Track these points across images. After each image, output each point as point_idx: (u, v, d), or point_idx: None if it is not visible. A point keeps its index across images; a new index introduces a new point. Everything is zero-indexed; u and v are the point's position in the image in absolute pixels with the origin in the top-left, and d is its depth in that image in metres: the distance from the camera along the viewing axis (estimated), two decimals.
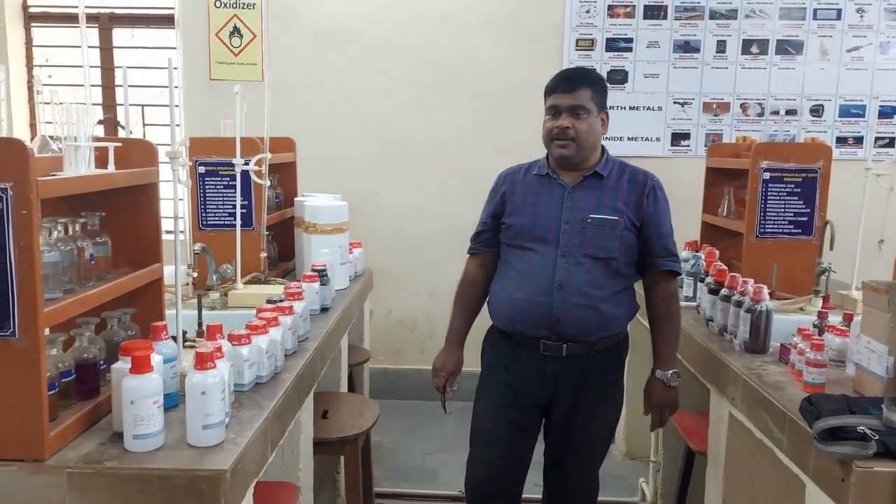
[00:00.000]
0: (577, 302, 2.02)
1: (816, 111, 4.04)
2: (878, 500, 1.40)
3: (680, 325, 2.17)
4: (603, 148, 2.16)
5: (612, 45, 4.04)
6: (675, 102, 4.06)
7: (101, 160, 1.68)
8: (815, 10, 3.96)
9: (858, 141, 4.03)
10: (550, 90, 2.10)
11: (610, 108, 3.93)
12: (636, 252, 2.10)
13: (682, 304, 2.70)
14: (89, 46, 4.16)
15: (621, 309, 2.10)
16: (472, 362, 2.29)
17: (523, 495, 2.24)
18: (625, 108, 4.07)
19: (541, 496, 2.29)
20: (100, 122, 4.05)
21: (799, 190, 2.82)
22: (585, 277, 2.03)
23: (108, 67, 4.23)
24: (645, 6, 4.00)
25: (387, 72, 4.11)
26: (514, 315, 2.09)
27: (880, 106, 3.93)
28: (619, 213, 2.06)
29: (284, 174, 3.42)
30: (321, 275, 2.57)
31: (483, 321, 2.26)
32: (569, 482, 2.21)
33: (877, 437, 1.41)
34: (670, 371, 2.11)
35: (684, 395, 2.69)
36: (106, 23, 4.21)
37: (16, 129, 4.05)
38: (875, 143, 3.92)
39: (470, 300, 2.26)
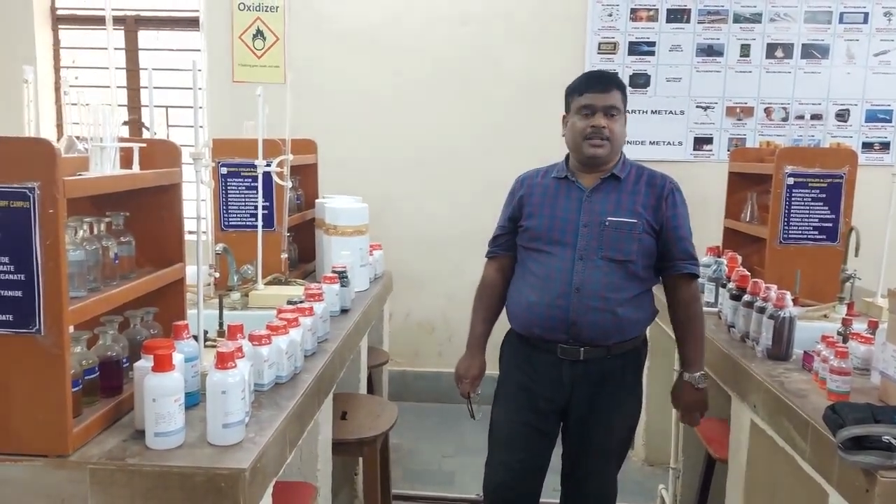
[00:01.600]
0: (594, 305, 2.01)
1: (842, 116, 3.98)
2: None
3: (704, 327, 2.16)
4: (621, 151, 2.16)
5: (635, 48, 4.02)
6: (697, 106, 4.03)
7: (126, 160, 1.70)
8: (842, 14, 3.91)
9: (885, 146, 3.97)
10: (582, 89, 2.09)
11: (632, 111, 3.92)
12: (654, 255, 2.09)
13: (705, 309, 2.70)
14: (115, 48, 4.22)
15: (639, 313, 2.09)
16: (492, 366, 2.29)
17: (542, 500, 2.23)
18: (647, 111, 4.05)
19: (559, 501, 2.28)
20: (125, 123, 4.10)
21: (824, 195, 2.78)
22: (603, 280, 2.02)
23: (133, 69, 4.29)
24: (668, 10, 3.97)
25: (408, 75, 4.12)
26: (531, 319, 2.09)
27: None
28: (638, 215, 2.05)
29: (306, 176, 3.44)
30: (341, 276, 2.58)
31: (503, 324, 2.25)
32: (586, 487, 2.19)
33: None
34: (698, 373, 2.10)
35: None
36: (132, 25, 4.27)
37: (43, 130, 4.11)
38: None
39: (489, 304, 2.26)
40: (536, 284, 2.08)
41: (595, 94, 2.06)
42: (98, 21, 4.28)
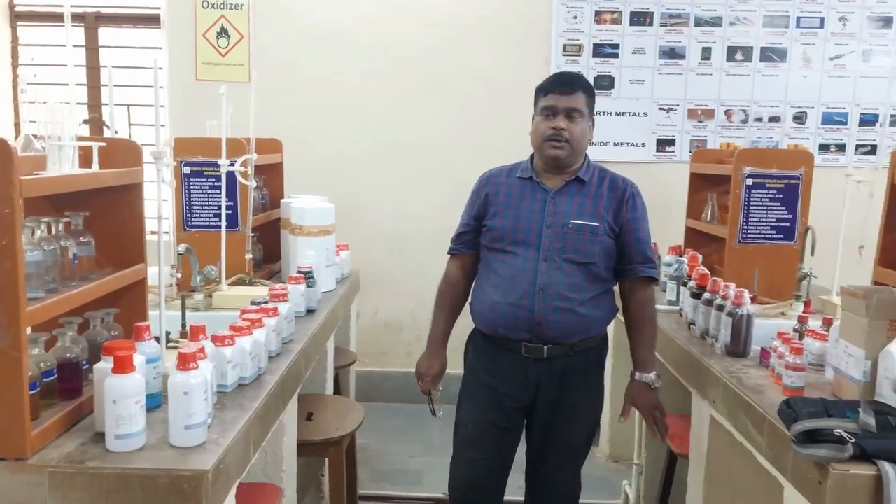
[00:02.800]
0: (557, 305, 2.04)
1: (799, 118, 4.08)
2: (854, 502, 1.41)
3: (657, 329, 2.20)
4: (585, 154, 2.18)
5: (599, 50, 4.07)
6: (660, 108, 4.10)
7: (85, 160, 1.68)
8: (799, 18, 4.01)
9: (840, 148, 4.07)
10: (546, 90, 2.10)
11: (597, 113, 3.97)
12: (614, 257, 2.12)
13: (665, 307, 2.76)
14: (75, 46, 4.14)
15: (600, 312, 2.13)
16: (456, 364, 2.30)
17: (507, 498, 2.25)
18: (611, 113, 4.10)
19: (523, 499, 2.30)
20: (85, 121, 4.03)
21: (781, 196, 2.85)
22: (566, 282, 2.05)
23: (93, 67, 4.21)
24: (631, 12, 4.03)
25: (375, 74, 4.12)
26: (495, 318, 2.11)
27: (862, 114, 3.99)
28: (600, 218, 2.08)
29: (271, 175, 3.42)
30: (307, 277, 2.57)
31: (466, 323, 2.27)
32: (551, 484, 2.22)
33: (853, 441, 1.42)
34: (653, 373, 2.14)
35: (666, 398, 2.71)
36: (92, 22, 4.19)
37: None
38: (856, 150, 3.96)
39: (451, 302, 2.27)
40: (500, 284, 2.10)
41: (558, 95, 2.07)
42: (57, 18, 4.19)
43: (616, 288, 2.22)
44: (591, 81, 4.03)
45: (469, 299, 2.25)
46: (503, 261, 2.11)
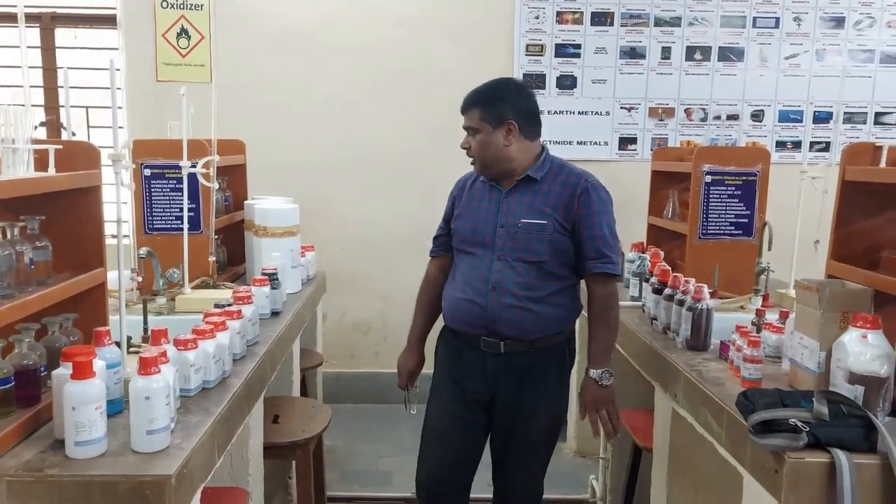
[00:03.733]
0: (509, 303, 2.08)
1: (757, 116, 4.17)
2: (809, 489, 1.45)
3: (616, 326, 2.18)
4: (543, 149, 2.19)
5: (561, 50, 4.11)
6: (622, 107, 4.15)
7: (41, 163, 1.65)
8: (755, 19, 4.09)
9: (796, 145, 4.17)
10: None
11: (559, 112, 3.97)
12: (571, 254, 2.12)
13: (629, 303, 2.80)
14: (29, 46, 4.05)
15: (559, 310, 2.14)
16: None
17: (479, 495, 2.27)
18: (574, 112, 4.14)
19: (492, 495, 2.32)
20: (42, 124, 3.95)
21: (739, 192, 2.91)
22: (518, 280, 2.09)
23: (49, 68, 4.13)
24: (592, 13, 4.08)
25: (338, 75, 4.10)
26: (456, 314, 2.18)
27: (816, 111, 4.09)
28: (548, 216, 2.09)
29: (234, 177, 3.39)
30: (272, 278, 2.55)
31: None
32: (512, 482, 2.24)
33: (807, 430, 1.46)
34: (602, 370, 2.11)
35: (630, 393, 2.76)
36: (48, 22, 4.11)
37: None
38: (811, 147, 4.07)
39: (429, 300, 2.34)
40: (461, 282, 2.17)
41: (463, 116, 2.17)
42: (11, 18, 4.09)
43: None
44: (553, 81, 4.09)
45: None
46: (465, 261, 2.19)
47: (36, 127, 1.72)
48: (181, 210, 2.66)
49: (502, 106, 2.11)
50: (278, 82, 4.09)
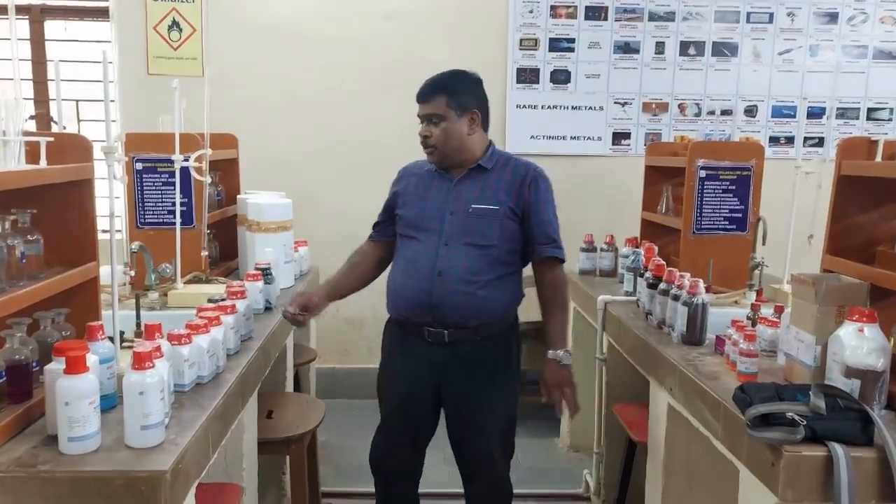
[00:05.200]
0: (455, 288, 2.11)
1: (750, 111, 4.17)
2: (806, 482, 1.46)
3: (568, 308, 2.29)
4: (490, 142, 2.26)
5: (555, 45, 4.10)
6: (615, 102, 4.15)
7: (32, 156, 1.63)
8: (749, 14, 4.09)
9: (790, 140, 4.18)
10: (417, 99, 2.22)
11: (553, 107, 3.96)
12: (518, 240, 2.18)
13: (623, 298, 2.80)
14: (19, 39, 4.01)
15: (501, 295, 2.18)
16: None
17: (451, 490, 2.32)
18: (567, 107, 4.13)
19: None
20: (32, 117, 3.91)
21: (733, 187, 2.91)
22: (465, 265, 2.12)
23: (39, 61, 4.09)
24: (586, 7, 4.06)
25: (331, 69, 4.08)
26: (399, 301, 2.21)
27: (809, 107, 4.09)
28: (500, 202, 2.15)
29: (226, 171, 3.37)
30: (265, 273, 2.54)
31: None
32: (476, 470, 2.28)
33: (804, 423, 1.47)
34: (561, 350, 2.17)
35: (625, 387, 2.77)
36: (37, 15, 4.07)
37: None
38: (805, 142, 4.07)
39: (354, 263, 2.37)
40: (404, 268, 2.21)
41: (421, 104, 2.20)
42: (1, 10, 4.05)
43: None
44: (548, 76, 4.08)
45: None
46: (409, 246, 2.22)
47: (26, 120, 1.70)
48: (173, 204, 2.64)
49: (467, 95, 2.19)
50: (270, 76, 4.06)
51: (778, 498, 1.47)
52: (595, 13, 4.07)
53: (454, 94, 2.16)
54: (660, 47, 4.11)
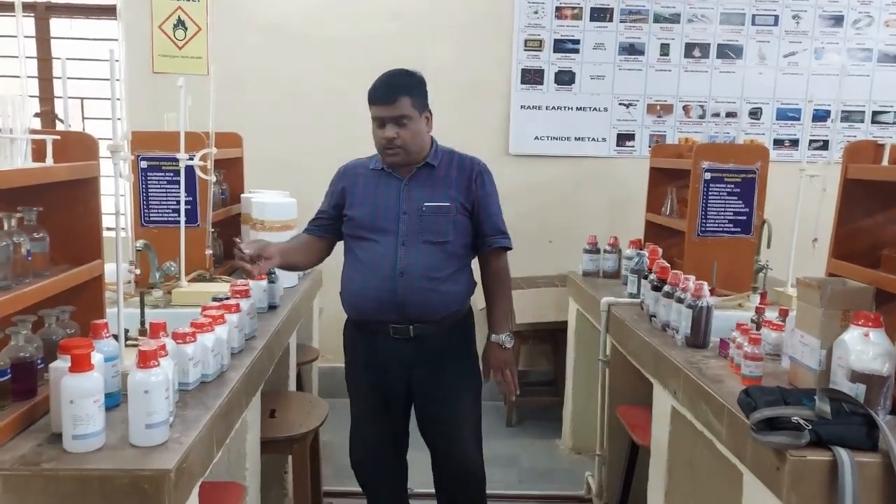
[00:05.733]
0: (419, 286, 2.15)
1: (755, 114, 4.17)
2: (811, 487, 1.45)
3: (510, 294, 2.36)
4: (432, 139, 2.29)
5: (560, 46, 4.09)
6: (620, 104, 4.14)
7: (38, 154, 1.63)
8: (754, 16, 4.09)
9: (794, 143, 4.17)
10: (370, 100, 2.20)
11: (557, 108, 3.98)
12: (469, 234, 2.26)
13: (627, 300, 2.80)
14: (25, 36, 4.02)
15: (459, 286, 2.24)
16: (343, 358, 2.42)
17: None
18: (572, 108, 4.13)
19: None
20: (37, 115, 3.91)
21: (738, 190, 2.91)
22: (425, 262, 2.16)
23: (45, 59, 4.09)
24: (591, 8, 4.06)
25: (335, 68, 4.08)
26: (361, 303, 2.22)
27: (814, 110, 4.09)
28: (452, 199, 2.21)
29: (231, 170, 3.37)
30: (269, 272, 2.54)
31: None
32: (450, 459, 2.33)
33: (809, 427, 1.46)
34: (504, 334, 2.29)
35: (628, 390, 2.76)
36: (43, 12, 4.07)
37: None
38: (809, 145, 4.07)
39: (304, 242, 2.37)
40: (363, 270, 2.21)
41: (381, 106, 2.17)
42: (7, 7, 4.06)
43: None
44: (552, 77, 4.08)
45: (340, 289, 2.32)
46: (364, 248, 2.22)
47: (31, 118, 1.70)
48: (178, 203, 2.65)
49: (423, 95, 2.24)
50: (275, 76, 4.06)
51: (782, 502, 1.47)
52: (600, 14, 4.07)
53: (416, 93, 2.20)
54: (665, 49, 4.11)
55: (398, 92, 2.16)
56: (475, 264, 2.35)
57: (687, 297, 2.22)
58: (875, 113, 4.17)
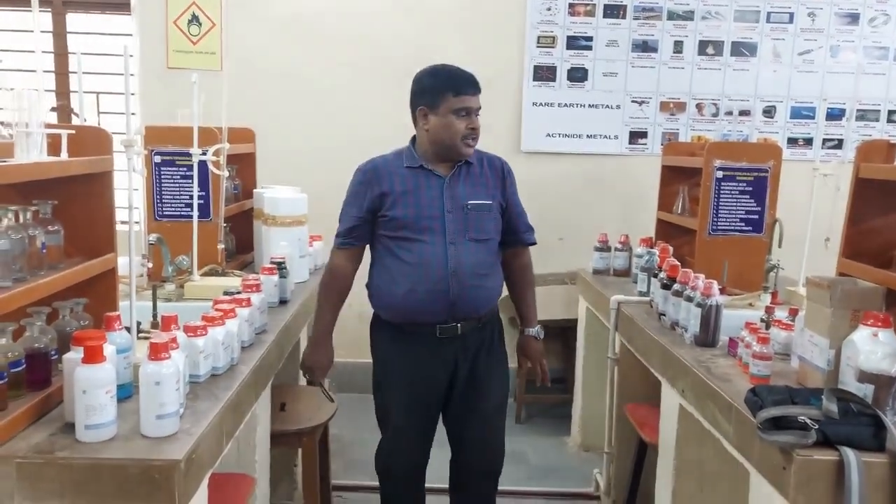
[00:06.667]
0: (470, 283, 2.16)
1: (769, 112, 4.14)
2: (818, 486, 1.45)
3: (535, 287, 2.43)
4: None
5: (573, 42, 4.09)
6: (632, 101, 4.13)
7: (54, 147, 1.65)
8: (769, 14, 4.06)
9: (808, 142, 4.15)
10: (458, 90, 2.16)
11: (569, 105, 3.98)
12: (501, 230, 2.28)
13: (636, 298, 2.80)
14: (42, 31, 4.06)
15: (497, 282, 2.29)
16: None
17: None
18: (584, 105, 4.12)
19: (449, 469, 2.41)
20: (53, 109, 3.95)
21: (750, 189, 2.90)
22: (473, 260, 2.17)
23: (61, 54, 4.13)
24: (605, 5, 4.05)
25: (349, 64, 4.09)
26: (410, 306, 2.18)
27: (829, 108, 4.06)
28: (492, 197, 2.24)
29: (243, 165, 3.39)
30: (280, 267, 2.56)
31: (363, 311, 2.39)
32: (475, 451, 2.33)
33: (817, 427, 1.46)
34: (537, 327, 2.38)
35: (636, 388, 2.77)
36: (59, 7, 4.11)
37: None
38: (823, 144, 4.04)
39: (340, 294, 2.31)
40: (411, 273, 2.16)
41: (470, 96, 2.17)
42: (23, 2, 4.09)
43: None
44: (565, 74, 4.08)
45: (371, 292, 2.29)
46: (410, 249, 2.17)
47: (48, 112, 1.73)
48: (191, 197, 2.67)
49: None
50: (288, 71, 4.08)
51: (789, 502, 1.47)
52: (613, 11, 4.05)
53: None
54: (678, 46, 4.09)
55: (477, 84, 2.20)
56: None
57: (696, 296, 2.22)
58: (891, 112, 4.14)
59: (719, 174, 2.86)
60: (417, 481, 2.38)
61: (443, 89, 2.16)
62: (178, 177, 2.80)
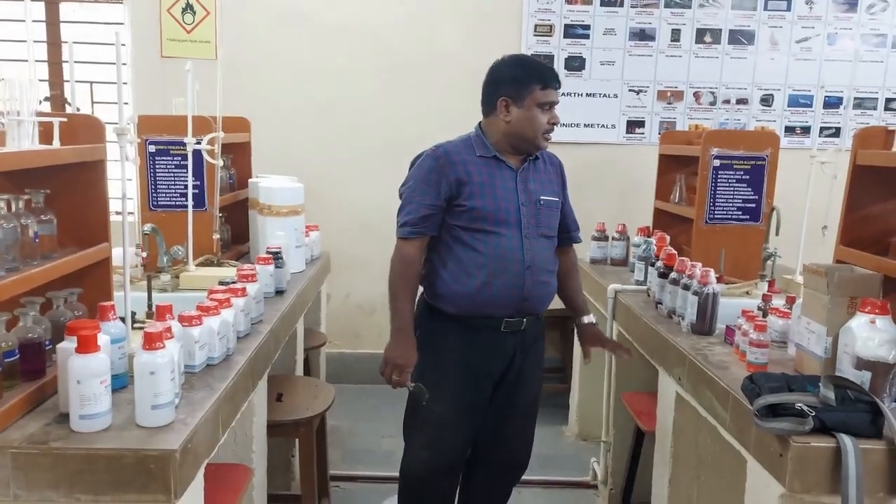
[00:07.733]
0: (541, 279, 2.16)
1: (766, 100, 4.13)
2: (814, 473, 1.45)
3: None
4: None
5: (570, 31, 4.06)
6: (630, 90, 4.11)
7: (46, 136, 1.64)
8: (766, 1, 4.04)
9: (806, 130, 4.14)
10: (545, 83, 2.08)
11: (567, 94, 4.00)
12: None
13: (633, 287, 2.80)
14: (34, 21, 4.03)
15: (556, 279, 2.28)
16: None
17: None
18: (582, 94, 4.10)
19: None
20: (46, 98, 3.93)
21: (747, 177, 2.89)
22: (544, 256, 2.17)
23: (54, 43, 4.10)
24: None
25: (344, 53, 4.07)
26: (482, 299, 2.09)
27: (826, 96, 4.05)
28: (558, 194, 2.24)
29: (239, 155, 3.37)
30: (276, 257, 2.55)
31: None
32: (511, 441, 2.32)
33: (813, 414, 1.46)
34: (591, 314, 2.39)
35: (633, 376, 2.77)
36: None
37: None
38: (821, 132, 4.03)
39: (414, 285, 2.18)
40: (486, 265, 2.08)
41: (555, 91, 2.12)
42: None
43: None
44: (562, 62, 4.07)
45: (433, 282, 2.17)
46: (486, 241, 2.09)
47: (41, 101, 1.71)
48: (185, 187, 2.65)
49: None
50: (283, 61, 4.05)
51: (785, 488, 1.47)
52: (610, 0, 4.03)
53: None
54: (675, 34, 4.07)
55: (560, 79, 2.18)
56: None
57: (693, 284, 2.21)
58: (889, 100, 4.12)
59: (716, 163, 2.85)
60: (455, 479, 2.33)
61: (529, 81, 2.08)
62: (173, 166, 2.78)
